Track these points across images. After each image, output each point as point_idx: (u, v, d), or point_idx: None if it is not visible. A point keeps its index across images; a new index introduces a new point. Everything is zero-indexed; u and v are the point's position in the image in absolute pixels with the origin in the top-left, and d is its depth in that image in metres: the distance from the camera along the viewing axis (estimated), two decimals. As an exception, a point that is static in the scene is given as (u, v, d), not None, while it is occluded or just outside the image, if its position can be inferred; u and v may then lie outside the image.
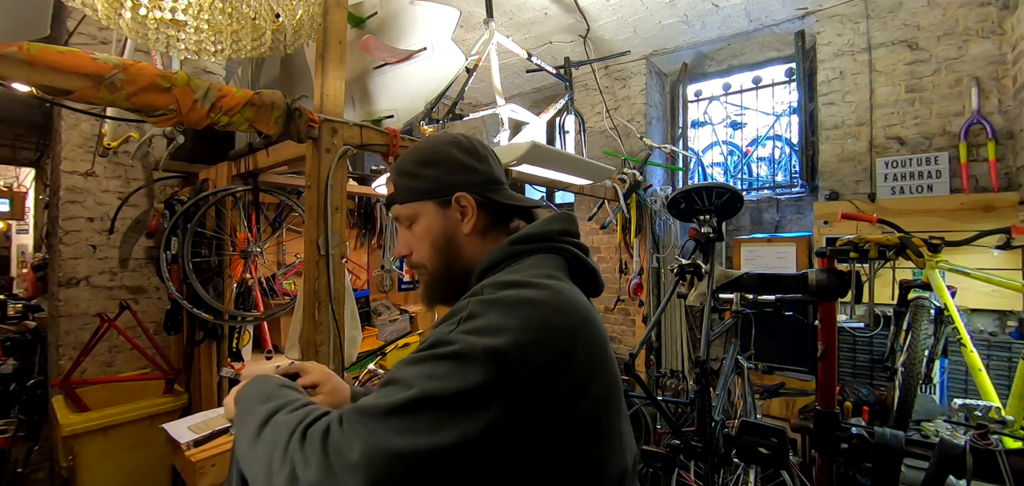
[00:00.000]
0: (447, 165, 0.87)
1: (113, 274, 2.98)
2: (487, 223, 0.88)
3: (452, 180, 0.86)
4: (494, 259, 0.82)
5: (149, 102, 1.42)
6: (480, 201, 0.87)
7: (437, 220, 0.87)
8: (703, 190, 1.89)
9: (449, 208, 0.86)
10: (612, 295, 4.38)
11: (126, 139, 2.78)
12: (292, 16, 1.60)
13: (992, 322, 2.73)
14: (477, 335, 0.62)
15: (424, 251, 0.88)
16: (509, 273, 0.76)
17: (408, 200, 0.88)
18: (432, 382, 0.60)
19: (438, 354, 0.62)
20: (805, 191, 3.85)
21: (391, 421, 0.58)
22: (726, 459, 1.72)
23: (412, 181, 0.88)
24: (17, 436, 3.09)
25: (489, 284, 0.72)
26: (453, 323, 0.66)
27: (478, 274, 0.82)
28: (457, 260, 0.87)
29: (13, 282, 7.17)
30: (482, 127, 5.61)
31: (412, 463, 0.57)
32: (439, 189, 0.86)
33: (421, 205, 0.87)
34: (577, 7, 3.62)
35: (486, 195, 0.87)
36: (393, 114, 2.25)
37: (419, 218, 0.88)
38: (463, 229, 0.86)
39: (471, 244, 0.87)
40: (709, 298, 1.80)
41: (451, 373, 0.60)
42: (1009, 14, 2.89)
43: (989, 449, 1.14)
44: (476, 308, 0.66)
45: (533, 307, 0.66)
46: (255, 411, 0.72)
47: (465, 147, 0.89)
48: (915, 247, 2.03)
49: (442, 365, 0.61)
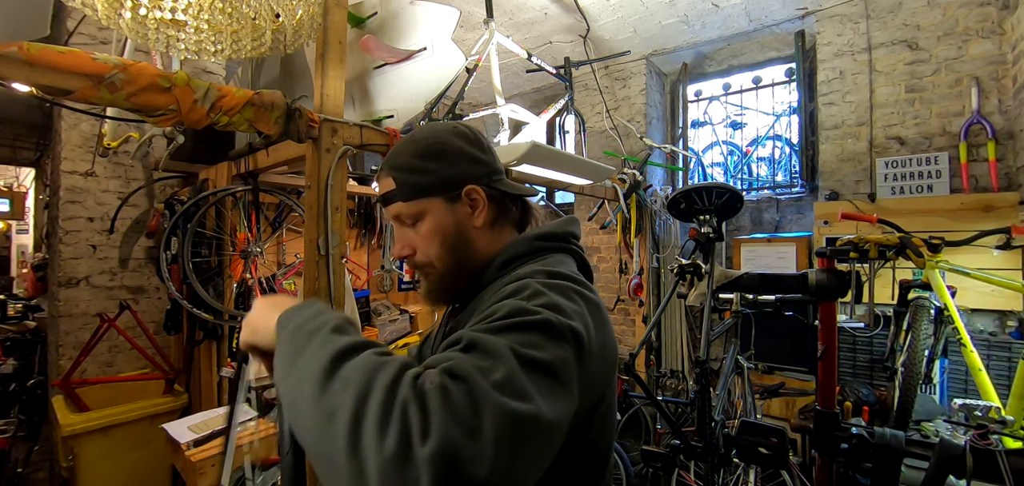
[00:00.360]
0: (452, 157, 0.82)
1: (113, 274, 2.98)
2: (495, 215, 0.85)
3: (459, 173, 0.82)
4: (517, 252, 0.81)
5: (149, 102, 1.42)
6: (490, 193, 0.83)
7: (446, 216, 0.81)
8: (703, 190, 1.89)
9: (458, 202, 0.82)
10: (612, 295, 4.38)
11: (126, 139, 2.78)
12: (292, 16, 1.60)
13: (992, 322, 2.73)
14: (555, 312, 0.60)
15: (432, 250, 0.82)
16: (545, 265, 0.75)
17: (413, 197, 0.81)
18: (531, 350, 0.54)
19: (527, 322, 0.57)
20: (805, 191, 3.85)
21: (529, 380, 0.51)
22: (726, 459, 1.72)
23: (416, 176, 0.81)
24: (17, 436, 3.09)
25: (533, 271, 0.71)
26: (521, 298, 0.63)
27: (499, 265, 0.81)
28: (470, 256, 0.83)
29: (13, 282, 7.17)
30: (482, 127, 5.61)
31: (540, 430, 0.50)
32: (447, 183, 0.81)
33: (428, 202, 0.81)
34: (577, 7, 3.62)
35: (494, 186, 0.84)
36: (393, 114, 2.25)
37: (425, 215, 0.81)
38: (474, 223, 0.83)
39: (482, 237, 0.84)
40: (709, 298, 1.80)
41: (545, 344, 0.56)
42: (1009, 14, 2.89)
43: (989, 449, 1.14)
44: (539, 286, 0.65)
45: (587, 302, 0.67)
46: (319, 341, 0.56)
47: (469, 137, 0.85)
48: (915, 247, 2.03)
49: (534, 335, 0.56)
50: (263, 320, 0.67)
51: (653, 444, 3.32)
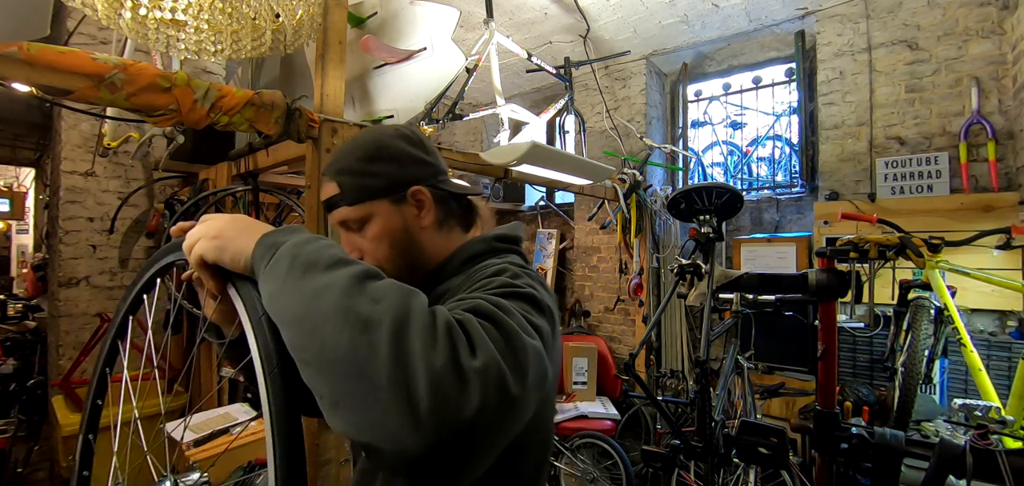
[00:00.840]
0: (398, 159, 0.83)
1: (113, 274, 2.98)
2: (441, 215, 0.86)
3: (406, 174, 0.83)
4: (478, 250, 0.84)
5: (149, 102, 1.42)
6: (435, 193, 0.85)
7: (394, 218, 0.82)
8: (703, 190, 1.90)
9: (404, 204, 0.82)
10: (612, 295, 4.38)
11: (126, 139, 2.78)
12: (292, 16, 1.60)
13: (992, 322, 2.73)
14: (533, 289, 0.67)
15: (381, 252, 0.82)
16: (503, 261, 0.79)
17: (359, 200, 0.81)
18: (528, 314, 0.61)
19: (520, 293, 0.64)
20: (805, 191, 3.85)
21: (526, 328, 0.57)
22: (726, 459, 1.72)
23: (362, 179, 0.81)
24: (17, 436, 3.09)
25: (502, 266, 0.75)
26: (505, 276, 0.69)
27: (462, 261, 0.83)
28: (419, 256, 0.84)
29: (13, 282, 7.17)
30: (482, 127, 5.61)
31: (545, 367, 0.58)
32: (393, 185, 0.81)
33: (374, 205, 0.81)
34: (577, 7, 3.62)
35: (439, 186, 0.85)
36: (393, 114, 2.25)
37: (372, 219, 0.81)
38: (421, 223, 0.83)
39: (429, 238, 0.85)
40: (709, 298, 1.80)
41: (533, 312, 0.63)
42: (1009, 14, 2.89)
43: (989, 449, 1.14)
44: (519, 272, 0.71)
45: (546, 287, 0.72)
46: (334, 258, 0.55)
47: (412, 139, 0.86)
48: (915, 247, 2.03)
49: (527, 304, 0.63)
50: (235, 237, 0.62)
51: (653, 444, 3.32)
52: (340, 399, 0.48)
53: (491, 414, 0.47)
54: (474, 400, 0.46)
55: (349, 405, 0.47)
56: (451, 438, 0.45)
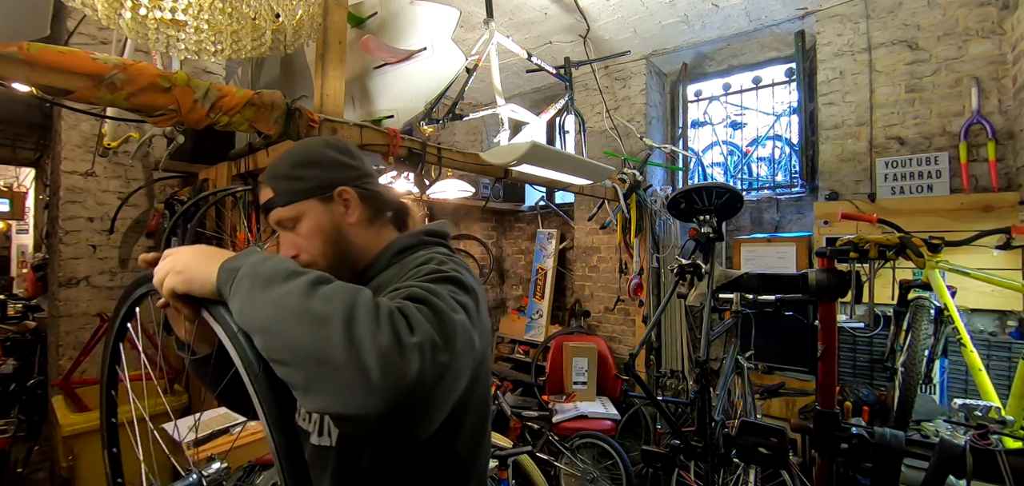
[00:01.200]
0: (325, 164, 0.93)
1: (113, 274, 2.98)
2: (369, 214, 0.96)
3: (332, 177, 0.92)
4: (408, 243, 0.94)
5: (149, 102, 1.42)
6: (361, 193, 0.94)
7: (323, 216, 0.91)
8: (703, 190, 1.89)
9: (332, 203, 0.92)
10: (612, 295, 4.38)
11: (126, 139, 2.77)
12: (292, 16, 1.60)
13: (992, 322, 2.73)
14: (459, 273, 0.78)
15: (314, 248, 0.91)
16: (431, 253, 0.90)
17: (291, 201, 0.90)
18: (455, 294, 0.72)
19: (447, 277, 0.75)
20: (805, 191, 3.85)
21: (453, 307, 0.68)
22: (726, 459, 1.72)
23: (293, 183, 0.91)
24: (17, 436, 3.09)
25: (431, 256, 0.86)
26: (433, 265, 0.80)
27: (393, 253, 0.93)
28: (349, 250, 0.93)
29: (13, 282, 7.17)
30: (482, 127, 5.61)
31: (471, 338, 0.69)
32: (321, 186, 0.91)
33: (305, 204, 0.90)
34: (577, 7, 3.62)
35: (364, 187, 0.95)
36: (393, 114, 2.25)
37: (304, 218, 0.91)
38: (349, 220, 0.93)
39: (359, 233, 0.94)
40: (709, 298, 1.80)
41: (460, 293, 0.73)
42: (1009, 14, 2.89)
43: (989, 449, 1.14)
44: (445, 259, 0.82)
45: (472, 273, 0.83)
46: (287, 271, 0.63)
47: (338, 146, 0.97)
48: (915, 247, 2.03)
49: (453, 286, 0.74)
50: (199, 268, 0.69)
51: (653, 444, 3.32)
52: (310, 384, 0.57)
53: (430, 377, 0.58)
54: (414, 366, 0.57)
55: (318, 387, 0.57)
56: (401, 399, 0.56)
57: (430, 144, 2.29)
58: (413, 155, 2.23)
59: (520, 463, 2.46)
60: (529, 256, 5.43)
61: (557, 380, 3.98)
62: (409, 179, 2.79)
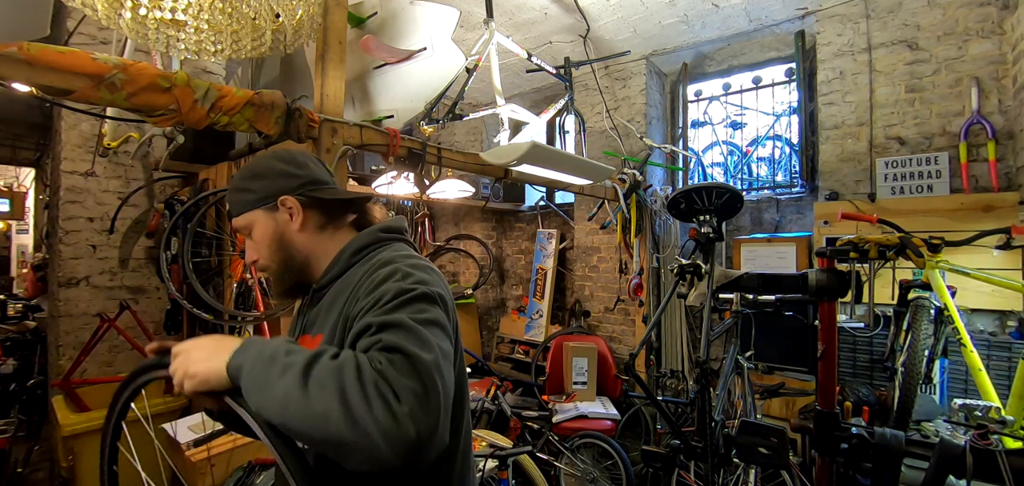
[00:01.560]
0: (270, 176, 0.99)
1: (113, 274, 2.98)
2: (320, 220, 1.01)
3: (275, 186, 0.98)
4: (366, 242, 0.99)
5: (149, 102, 1.42)
6: (304, 201, 0.99)
7: (269, 224, 0.98)
8: (703, 190, 1.89)
9: (277, 211, 0.98)
10: (612, 295, 4.38)
11: (126, 139, 2.78)
12: (292, 16, 1.60)
13: (992, 322, 2.73)
14: (423, 284, 0.83)
15: (264, 253, 0.99)
16: (392, 251, 0.96)
17: (242, 211, 0.99)
18: (422, 314, 0.78)
19: (411, 296, 0.80)
20: (805, 191, 3.85)
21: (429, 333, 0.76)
22: (726, 459, 1.72)
23: (243, 195, 0.99)
24: (17, 436, 3.09)
25: (386, 259, 0.91)
26: (396, 280, 0.83)
27: (351, 252, 0.98)
28: (294, 255, 0.99)
29: (13, 282, 7.17)
30: (482, 127, 5.61)
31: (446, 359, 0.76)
32: (265, 196, 0.98)
33: (253, 214, 0.98)
34: (577, 7, 3.61)
35: (308, 194, 0.99)
36: (393, 114, 2.25)
37: (254, 225, 0.99)
38: (293, 227, 0.99)
39: (305, 240, 1.00)
40: (709, 298, 1.80)
41: (428, 308, 0.80)
42: (1009, 14, 2.89)
43: (989, 449, 1.14)
44: (406, 269, 0.86)
45: (432, 271, 0.90)
46: (281, 366, 0.69)
47: (283, 157, 1.02)
48: (915, 247, 2.03)
49: (419, 304, 0.80)
50: (210, 370, 0.75)
51: (653, 444, 3.33)
52: (338, 455, 0.67)
53: (428, 428, 0.67)
54: (412, 430, 0.65)
55: (344, 457, 0.67)
56: (414, 451, 0.66)
57: (430, 144, 2.29)
58: (413, 155, 2.23)
59: (520, 463, 2.46)
60: (529, 256, 5.43)
61: (557, 380, 3.98)
62: (409, 179, 2.80)
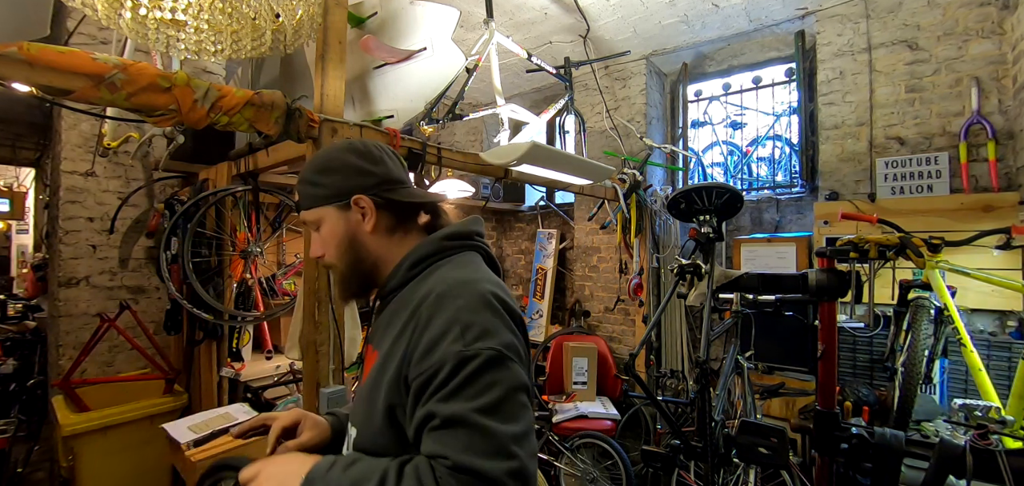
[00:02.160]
0: (343, 171, 0.93)
1: (113, 274, 2.98)
2: (391, 222, 0.95)
3: (349, 184, 0.93)
4: (426, 252, 0.92)
5: (149, 102, 1.42)
6: (378, 202, 0.94)
7: (339, 223, 0.94)
8: (703, 190, 1.90)
9: (349, 210, 0.93)
10: (612, 295, 4.38)
11: (126, 139, 2.78)
12: (292, 16, 1.60)
13: (992, 322, 2.73)
14: (486, 339, 0.74)
15: (331, 252, 0.95)
16: (453, 268, 0.88)
17: (311, 206, 0.95)
18: (489, 396, 0.71)
19: (474, 370, 0.72)
20: (805, 191, 3.85)
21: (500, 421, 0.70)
22: (726, 459, 1.72)
23: (313, 188, 0.94)
24: (17, 436, 3.09)
25: (444, 281, 0.83)
26: (450, 334, 0.75)
27: (409, 265, 0.92)
28: (364, 257, 0.95)
29: (13, 282, 7.17)
30: (482, 127, 5.61)
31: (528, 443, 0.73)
32: (337, 194, 0.93)
33: (323, 210, 0.94)
34: (577, 7, 3.62)
35: (383, 195, 0.94)
36: (393, 114, 2.25)
37: (323, 222, 0.94)
38: (365, 228, 0.94)
39: (376, 242, 0.95)
40: (709, 298, 1.80)
41: (496, 375, 0.73)
42: (1009, 14, 2.89)
43: (989, 449, 1.14)
44: (466, 319, 0.76)
45: (494, 306, 0.79)
46: None
47: (360, 151, 0.95)
48: (915, 247, 2.03)
49: (486, 377, 0.72)
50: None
51: (653, 444, 3.32)
52: None
53: None
54: None
55: None
56: None
57: (430, 144, 2.29)
58: (413, 155, 2.23)
59: (520, 463, 2.45)
60: (529, 256, 5.43)
61: (557, 380, 3.98)
62: (409, 179, 2.79)
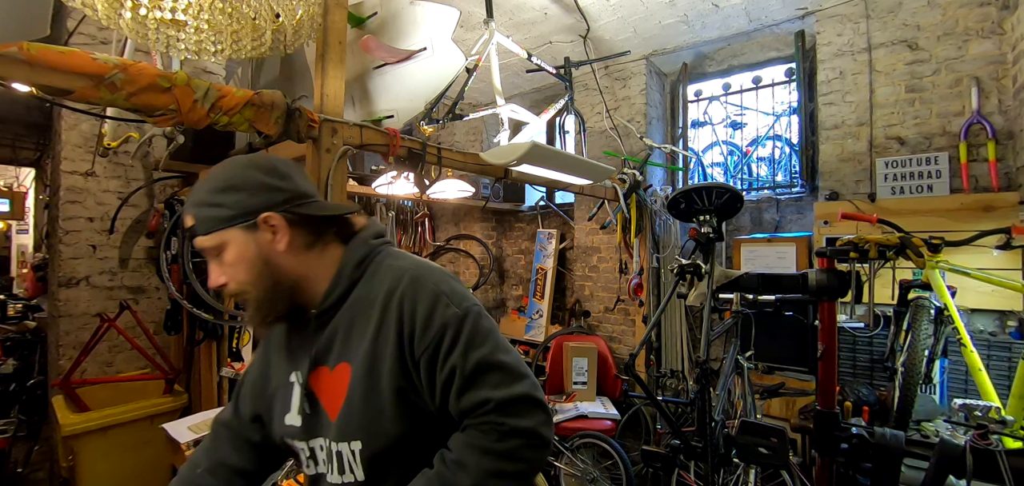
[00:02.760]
0: (248, 188, 0.86)
1: (113, 274, 2.98)
2: (308, 238, 0.91)
3: (254, 202, 0.86)
4: (363, 254, 0.94)
5: (149, 102, 1.42)
6: (291, 218, 0.88)
7: (248, 245, 0.86)
8: (703, 190, 1.89)
9: (257, 231, 0.86)
10: (612, 295, 4.38)
11: (126, 139, 2.78)
12: (292, 16, 1.60)
13: (992, 322, 2.73)
14: (466, 299, 0.88)
15: (240, 276, 0.87)
16: (395, 259, 0.94)
17: (211, 230, 0.86)
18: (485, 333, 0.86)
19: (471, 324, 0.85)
20: (805, 191, 3.84)
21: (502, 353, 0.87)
22: (726, 459, 1.72)
23: (213, 210, 0.86)
24: (17, 436, 3.09)
25: (402, 269, 0.90)
26: (440, 304, 0.86)
27: (353, 267, 0.92)
28: (282, 278, 0.89)
29: (13, 282, 7.17)
30: (482, 127, 5.61)
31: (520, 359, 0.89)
32: (243, 213, 0.85)
33: (226, 233, 0.86)
34: (577, 7, 3.61)
35: (296, 211, 0.89)
36: (393, 114, 2.25)
37: (227, 246, 0.86)
38: (277, 247, 0.88)
39: (294, 261, 0.90)
40: (709, 298, 1.80)
41: (481, 321, 0.87)
42: (1009, 14, 2.89)
43: (989, 449, 1.14)
44: (445, 288, 0.88)
45: (449, 275, 0.93)
46: None
47: (264, 167, 0.89)
48: (915, 247, 2.03)
49: (476, 324, 0.86)
50: None
51: (653, 444, 3.32)
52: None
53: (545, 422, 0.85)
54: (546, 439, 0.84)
55: None
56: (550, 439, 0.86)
57: (430, 144, 2.29)
58: (413, 155, 2.23)
59: (520, 463, 2.45)
60: (529, 256, 5.42)
61: (557, 380, 3.98)
62: (409, 179, 2.79)
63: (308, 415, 0.92)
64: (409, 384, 0.86)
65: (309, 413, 0.91)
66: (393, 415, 0.85)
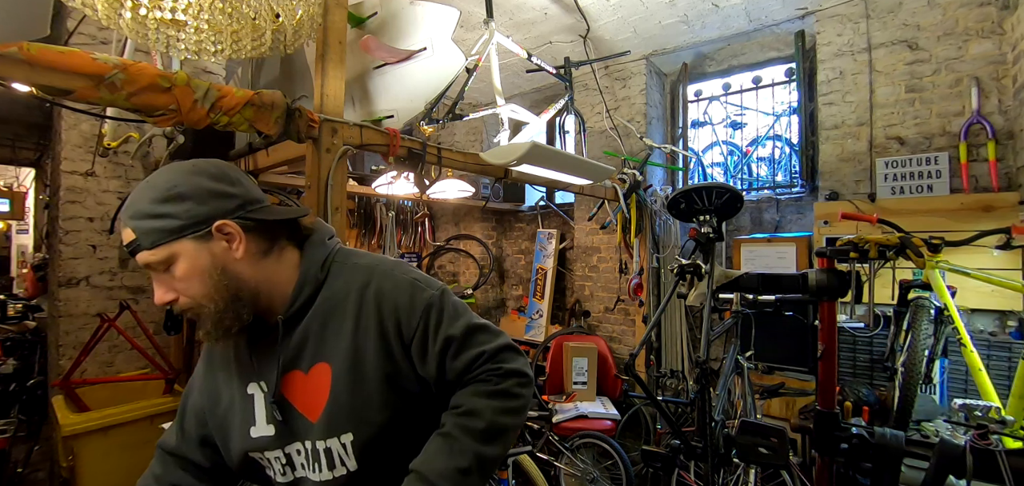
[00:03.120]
0: (196, 196, 0.81)
1: (113, 274, 2.98)
2: (264, 243, 0.88)
3: (206, 210, 0.81)
4: (325, 255, 0.95)
5: (149, 102, 1.42)
6: (246, 225, 0.84)
7: (201, 256, 0.81)
8: (703, 190, 1.89)
9: (211, 240, 0.82)
10: (612, 295, 4.38)
11: (126, 139, 2.78)
12: (292, 16, 1.60)
13: (992, 322, 2.73)
14: (434, 282, 0.97)
15: (195, 291, 0.82)
16: (358, 256, 0.98)
17: (157, 243, 0.79)
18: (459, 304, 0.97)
19: (448, 301, 0.94)
20: (805, 191, 3.85)
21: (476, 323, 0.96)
22: (726, 459, 1.72)
23: (158, 222, 0.79)
24: (17, 436, 3.09)
25: (368, 265, 0.95)
26: (418, 290, 0.93)
27: (319, 266, 0.93)
28: (243, 288, 0.85)
29: (13, 282, 7.17)
30: (482, 127, 5.61)
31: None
32: (193, 223, 0.80)
33: (175, 245, 0.79)
34: (577, 7, 3.61)
35: (251, 217, 0.85)
36: (393, 114, 2.25)
37: (178, 259, 0.80)
38: (234, 256, 0.84)
39: (252, 268, 0.86)
40: (709, 298, 1.80)
41: (453, 299, 0.96)
42: (1009, 14, 2.89)
43: (989, 449, 1.14)
44: (415, 276, 0.96)
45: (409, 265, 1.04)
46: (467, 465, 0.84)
47: (212, 173, 0.84)
48: (915, 247, 2.03)
49: (448, 301, 0.94)
50: None
51: (653, 444, 3.33)
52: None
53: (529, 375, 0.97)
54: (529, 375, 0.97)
55: None
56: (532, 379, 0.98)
57: (430, 144, 2.29)
58: (413, 155, 2.23)
59: (520, 463, 2.46)
60: (529, 256, 5.42)
61: (557, 380, 3.98)
62: (409, 179, 2.80)
63: (280, 422, 0.90)
64: (395, 369, 0.90)
65: (281, 420, 0.89)
66: (381, 402, 0.89)
